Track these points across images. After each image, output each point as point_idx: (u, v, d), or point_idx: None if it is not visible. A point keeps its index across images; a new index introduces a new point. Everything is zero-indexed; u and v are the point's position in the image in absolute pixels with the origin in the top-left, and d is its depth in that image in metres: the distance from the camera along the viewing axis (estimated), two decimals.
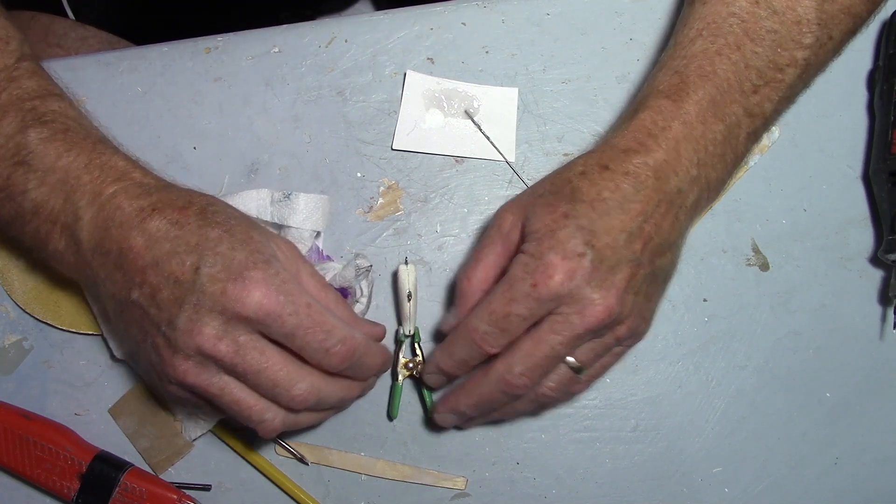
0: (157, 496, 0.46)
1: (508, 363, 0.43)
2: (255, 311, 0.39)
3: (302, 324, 0.40)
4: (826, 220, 0.54)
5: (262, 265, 0.40)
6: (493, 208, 0.53)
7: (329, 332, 0.41)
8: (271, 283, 0.39)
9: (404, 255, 0.52)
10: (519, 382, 0.42)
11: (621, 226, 0.41)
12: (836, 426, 0.52)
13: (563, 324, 0.41)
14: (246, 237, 0.41)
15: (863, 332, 0.53)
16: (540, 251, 0.41)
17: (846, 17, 0.46)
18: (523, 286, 0.41)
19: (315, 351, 0.41)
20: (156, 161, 0.52)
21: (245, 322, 0.39)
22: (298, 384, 0.41)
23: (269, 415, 0.42)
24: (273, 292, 0.39)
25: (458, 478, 0.50)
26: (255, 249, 0.40)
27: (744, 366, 0.52)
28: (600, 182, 0.42)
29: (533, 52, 0.55)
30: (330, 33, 0.54)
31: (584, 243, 0.41)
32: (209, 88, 0.53)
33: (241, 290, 0.39)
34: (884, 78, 0.54)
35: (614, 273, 0.41)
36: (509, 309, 0.41)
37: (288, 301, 0.39)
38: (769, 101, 0.45)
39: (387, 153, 0.53)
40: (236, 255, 0.40)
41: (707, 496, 0.50)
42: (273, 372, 0.40)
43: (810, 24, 0.45)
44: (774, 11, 0.45)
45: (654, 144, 0.43)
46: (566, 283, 0.40)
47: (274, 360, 0.40)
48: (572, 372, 0.43)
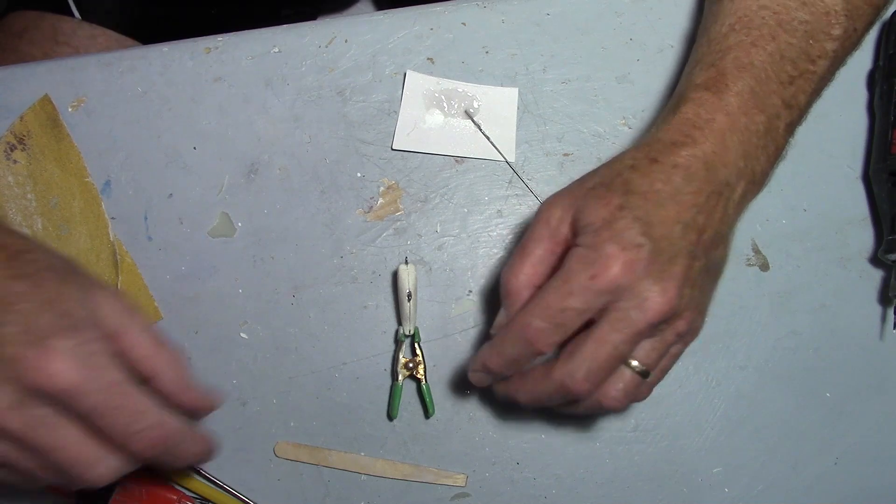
0: (157, 496, 0.46)
1: (570, 368, 0.40)
2: (53, 385, 0.34)
3: (107, 403, 0.36)
4: (826, 220, 0.54)
5: (68, 332, 0.35)
6: (493, 208, 0.53)
7: (138, 414, 0.37)
8: (76, 355, 0.35)
9: (404, 255, 0.52)
10: (581, 388, 0.40)
11: (676, 217, 0.40)
12: (836, 426, 0.52)
13: (624, 320, 0.39)
14: (56, 295, 0.36)
15: (863, 332, 0.53)
16: (597, 242, 0.39)
17: (869, 7, 0.47)
18: (581, 278, 0.39)
19: (120, 434, 0.36)
20: (156, 161, 0.52)
21: (42, 395, 0.35)
22: (95, 467, 0.36)
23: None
24: (76, 365, 0.35)
25: (459, 475, 0.50)
26: (65, 312, 0.36)
27: (744, 366, 0.52)
28: (651, 174, 0.41)
29: (533, 52, 0.55)
30: (330, 33, 0.54)
31: (642, 234, 0.39)
32: (209, 88, 0.53)
33: (40, 359, 0.34)
34: (884, 78, 0.54)
35: (672, 265, 0.40)
36: (566, 303, 0.39)
37: (93, 377, 0.35)
38: (803, 93, 0.45)
39: (387, 153, 0.53)
40: (41, 317, 0.35)
41: (707, 496, 0.50)
42: (70, 452, 0.36)
43: (838, 15, 0.45)
44: (804, 3, 0.45)
45: (701, 136, 0.42)
46: (626, 275, 0.39)
47: (72, 439, 0.36)
48: (639, 377, 0.42)
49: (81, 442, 0.36)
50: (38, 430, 0.35)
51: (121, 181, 0.52)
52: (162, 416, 0.38)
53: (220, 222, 0.52)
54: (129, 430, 0.37)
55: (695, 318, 0.42)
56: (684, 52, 0.55)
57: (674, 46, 0.55)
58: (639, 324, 0.39)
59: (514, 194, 0.53)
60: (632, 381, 0.41)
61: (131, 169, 0.52)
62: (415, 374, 0.49)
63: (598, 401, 0.42)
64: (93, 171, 0.52)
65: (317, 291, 0.51)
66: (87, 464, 0.36)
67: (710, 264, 0.42)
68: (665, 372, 0.44)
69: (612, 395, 0.41)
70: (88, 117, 0.53)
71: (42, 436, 0.35)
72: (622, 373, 0.41)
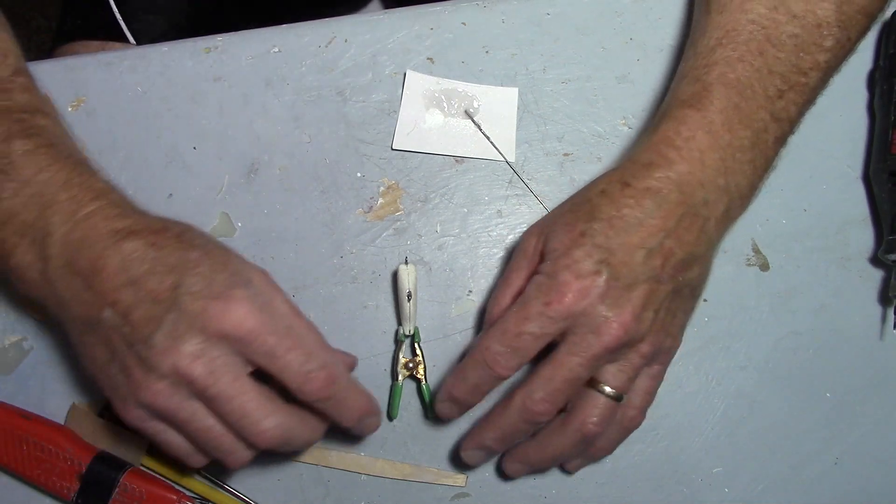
0: (157, 497, 0.46)
1: (528, 390, 0.42)
2: (236, 329, 0.38)
3: (283, 343, 0.39)
4: (826, 220, 0.54)
5: (243, 285, 0.39)
6: (493, 208, 0.53)
7: (310, 354, 0.39)
8: (253, 302, 0.38)
9: (404, 255, 0.52)
10: (540, 409, 0.41)
11: (640, 243, 0.41)
12: (836, 426, 0.52)
13: (580, 344, 0.41)
14: (224, 260, 0.40)
15: (863, 332, 0.53)
16: (554, 270, 0.41)
17: (862, 17, 0.46)
18: (536, 305, 0.41)
19: (296, 374, 0.39)
20: (156, 161, 0.52)
21: (225, 341, 0.38)
22: (268, 418, 0.39)
23: (239, 446, 0.40)
24: (255, 311, 0.38)
25: (459, 475, 0.50)
26: (235, 271, 0.40)
27: (744, 366, 0.52)
28: (620, 200, 0.42)
29: (533, 52, 0.55)
30: (330, 33, 0.54)
31: (599, 261, 0.40)
32: (209, 88, 0.53)
33: (222, 308, 0.38)
34: (884, 78, 0.54)
35: (630, 290, 0.41)
36: (522, 328, 0.41)
37: (269, 321, 0.38)
38: (794, 105, 0.45)
39: (387, 153, 0.53)
40: (217, 276, 0.39)
41: (707, 496, 0.50)
42: (244, 401, 0.38)
43: (830, 26, 0.45)
44: (794, 16, 0.45)
45: (677, 156, 0.43)
46: (579, 302, 0.40)
47: (248, 389, 0.39)
48: (612, 401, 0.43)
49: (254, 393, 0.39)
50: (217, 378, 0.38)
51: (121, 181, 0.52)
52: (332, 358, 0.40)
53: (220, 222, 0.52)
54: (305, 369, 0.39)
55: (661, 340, 0.43)
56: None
57: (674, 46, 0.55)
58: (594, 348, 0.41)
59: (514, 194, 0.53)
60: (606, 406, 0.43)
61: (131, 169, 0.52)
62: (415, 374, 0.49)
63: (578, 431, 0.43)
64: None
65: (317, 291, 0.51)
66: (259, 415, 0.39)
67: (680, 286, 0.43)
68: (649, 393, 0.45)
69: (590, 421, 0.43)
70: (88, 117, 0.53)
71: (220, 384, 0.38)
72: (595, 399, 0.43)
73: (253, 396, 0.39)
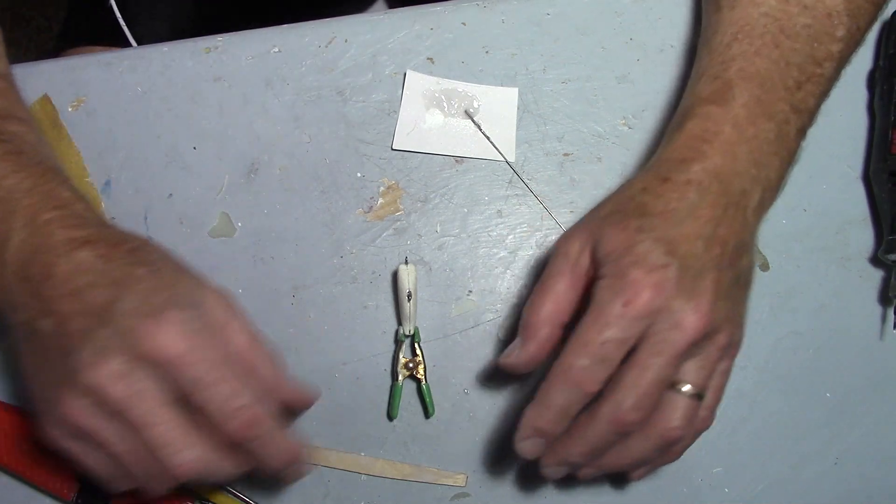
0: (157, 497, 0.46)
1: (616, 400, 0.39)
2: (162, 352, 0.36)
3: (212, 374, 0.37)
4: (826, 220, 0.54)
5: (183, 306, 0.37)
6: (493, 208, 0.53)
7: (236, 391, 0.37)
8: (188, 325, 0.37)
9: (404, 255, 0.52)
10: (632, 418, 0.39)
11: (696, 232, 0.40)
12: (836, 426, 0.52)
13: (662, 343, 0.38)
14: (173, 280, 0.39)
15: (863, 332, 0.53)
16: (622, 270, 0.39)
17: (870, 5, 0.47)
18: (614, 307, 0.38)
19: (218, 409, 0.37)
20: (156, 161, 0.52)
21: (150, 365, 0.36)
22: (186, 451, 0.37)
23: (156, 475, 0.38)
24: (187, 334, 0.36)
25: (459, 475, 0.50)
26: (179, 294, 0.38)
27: (744, 366, 0.52)
28: (664, 194, 0.41)
29: (533, 52, 0.55)
30: (330, 33, 0.54)
31: (666, 254, 0.39)
32: (209, 88, 0.53)
33: (152, 329, 0.36)
34: (884, 78, 0.54)
35: (702, 279, 0.39)
36: (604, 335, 0.38)
37: (198, 349, 0.37)
38: (812, 97, 0.45)
39: (387, 153, 0.53)
40: (157, 295, 0.37)
41: (707, 496, 0.50)
42: (164, 431, 0.36)
43: (840, 15, 0.45)
44: (805, 7, 0.45)
45: (710, 150, 0.42)
46: (657, 297, 0.38)
47: (169, 418, 0.37)
48: (694, 400, 0.41)
49: (175, 422, 0.37)
50: (137, 402, 0.36)
51: (121, 181, 0.52)
52: (260, 402, 0.38)
53: (220, 222, 0.52)
54: (227, 407, 0.37)
55: (734, 330, 0.41)
56: (684, 52, 0.55)
57: (674, 46, 0.55)
58: (678, 344, 0.38)
59: (514, 194, 0.53)
60: (689, 406, 0.40)
61: (131, 169, 0.52)
62: (415, 374, 0.49)
63: (661, 436, 0.40)
64: (93, 171, 0.52)
65: (317, 291, 0.51)
66: (177, 447, 0.37)
67: (738, 275, 0.42)
68: (721, 391, 0.43)
69: (674, 425, 0.40)
70: (88, 117, 0.53)
71: (139, 409, 0.36)
72: (676, 400, 0.40)
73: (173, 426, 0.37)
